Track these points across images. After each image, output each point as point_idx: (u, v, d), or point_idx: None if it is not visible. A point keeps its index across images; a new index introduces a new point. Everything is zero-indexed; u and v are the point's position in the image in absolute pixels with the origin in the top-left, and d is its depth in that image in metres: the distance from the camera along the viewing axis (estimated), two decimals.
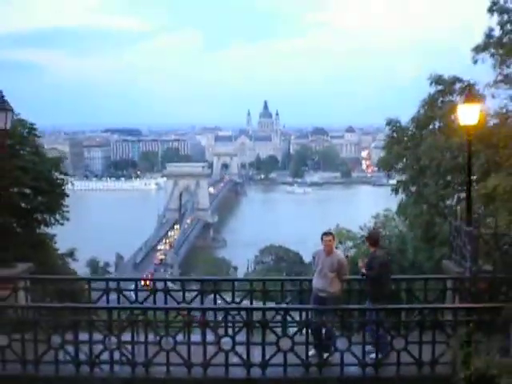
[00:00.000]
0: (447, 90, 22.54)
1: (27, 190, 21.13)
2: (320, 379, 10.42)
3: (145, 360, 10.35)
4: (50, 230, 23.02)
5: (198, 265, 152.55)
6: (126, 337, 10.56)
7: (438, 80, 22.90)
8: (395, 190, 24.44)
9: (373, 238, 12.51)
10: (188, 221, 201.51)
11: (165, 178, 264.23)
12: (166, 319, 10.87)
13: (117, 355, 10.44)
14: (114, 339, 10.43)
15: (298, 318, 11.86)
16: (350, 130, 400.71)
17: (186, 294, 14.48)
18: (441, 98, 22.80)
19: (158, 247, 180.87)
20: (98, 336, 10.47)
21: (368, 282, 12.14)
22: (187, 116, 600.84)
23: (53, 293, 13.03)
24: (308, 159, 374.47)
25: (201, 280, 14.65)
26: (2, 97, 13.46)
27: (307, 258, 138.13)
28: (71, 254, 26.41)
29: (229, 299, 14.58)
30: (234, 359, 10.47)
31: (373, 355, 10.75)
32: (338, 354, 10.58)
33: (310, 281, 13.28)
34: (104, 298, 13.23)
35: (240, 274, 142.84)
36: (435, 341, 10.30)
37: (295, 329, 11.17)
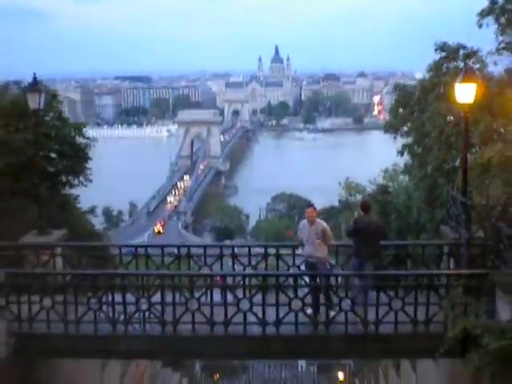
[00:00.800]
0: (451, 57, 23.37)
1: (52, 154, 22.35)
2: (327, 336, 11.75)
3: (173, 319, 11.72)
4: (74, 191, 24.34)
5: (210, 212, 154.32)
6: (156, 298, 11.91)
7: (442, 47, 23.68)
8: (401, 153, 25.53)
9: (364, 206, 13.84)
10: (200, 168, 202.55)
11: (176, 125, 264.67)
12: (190, 284, 12.19)
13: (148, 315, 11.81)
14: (145, 301, 11.79)
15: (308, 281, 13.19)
16: (362, 75, 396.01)
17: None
18: (445, 64, 23.63)
19: (171, 195, 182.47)
20: (131, 298, 11.82)
21: (360, 241, 13.40)
22: (198, 62, 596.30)
23: (87, 258, 14.38)
24: (319, 105, 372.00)
25: (220, 246, 15.64)
26: (35, 78, 14.60)
27: (319, 206, 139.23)
28: (92, 210, 27.72)
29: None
30: (251, 318, 11.79)
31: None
32: (342, 313, 11.91)
33: None
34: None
35: (252, 222, 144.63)
36: (429, 302, 11.60)
37: (306, 290, 12.48)
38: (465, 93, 13.29)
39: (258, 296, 11.76)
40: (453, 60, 23.21)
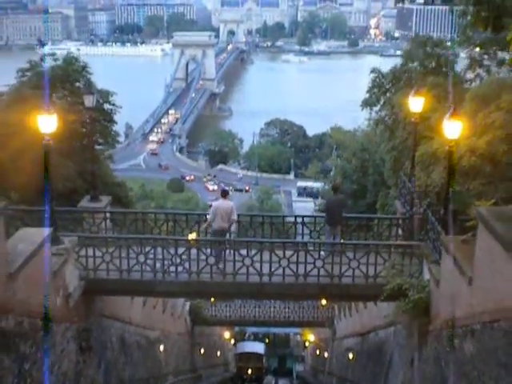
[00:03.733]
0: (422, 44, 27.40)
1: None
2: (305, 284, 16.44)
3: (197, 270, 16.30)
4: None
5: (204, 135, 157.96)
6: (185, 254, 16.46)
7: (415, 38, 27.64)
8: (376, 124, 29.86)
9: (334, 187, 18.68)
10: (195, 90, 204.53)
11: (170, 44, 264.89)
12: (210, 244, 16.82)
13: (179, 267, 16.40)
14: (177, 257, 16.36)
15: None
16: None
17: None
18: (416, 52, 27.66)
19: (166, 117, 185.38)
20: (167, 255, 16.39)
21: (330, 213, 18.01)
22: None
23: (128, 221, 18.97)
24: (316, 27, 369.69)
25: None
26: (89, 84, 18.75)
27: (310, 132, 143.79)
28: (110, 157, 31.88)
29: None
30: (251, 270, 16.40)
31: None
32: (316, 269, 16.50)
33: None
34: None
35: (246, 147, 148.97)
36: (376, 263, 16.20)
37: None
38: (415, 104, 17.74)
39: (257, 255, 16.40)
40: (423, 47, 27.29)
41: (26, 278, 11.81)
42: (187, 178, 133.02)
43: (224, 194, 18.15)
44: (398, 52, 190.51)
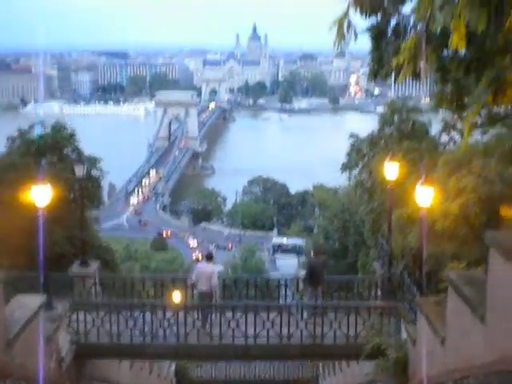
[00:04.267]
0: (397, 111, 28.87)
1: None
2: (288, 345, 17.07)
3: (184, 333, 16.90)
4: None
5: (187, 194, 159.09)
6: (172, 319, 17.08)
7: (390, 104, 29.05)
8: (356, 187, 31.02)
9: (316, 251, 19.55)
10: (178, 149, 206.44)
11: (153, 103, 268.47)
12: (197, 309, 17.49)
13: (167, 331, 17.00)
14: (165, 321, 16.99)
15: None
16: (340, 55, 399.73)
17: None
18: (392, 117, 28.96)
19: (148, 177, 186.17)
20: (155, 319, 17.01)
21: (311, 275, 18.79)
22: (175, 37, 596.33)
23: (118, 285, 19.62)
24: (297, 85, 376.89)
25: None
26: (79, 154, 19.66)
27: (293, 190, 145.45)
28: (96, 219, 32.66)
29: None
30: (238, 333, 17.03)
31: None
32: (299, 330, 17.15)
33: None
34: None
35: (229, 204, 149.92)
36: (357, 323, 16.91)
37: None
38: (390, 171, 18.74)
39: (242, 318, 17.05)
40: (398, 113, 28.62)
41: (23, 343, 12.41)
42: (164, 233, 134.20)
43: (208, 257, 18.91)
44: (378, 108, 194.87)
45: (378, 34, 10.36)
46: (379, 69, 11.10)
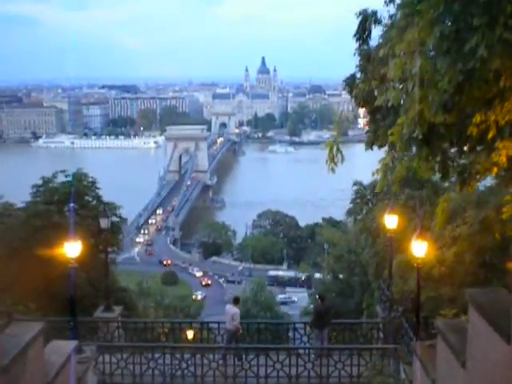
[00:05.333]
0: None
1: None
2: None
3: (201, 374, 18.39)
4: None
5: (198, 227, 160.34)
6: (190, 360, 18.59)
7: None
8: (360, 231, 32.58)
9: (321, 297, 21.09)
10: (188, 183, 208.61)
11: (163, 137, 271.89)
12: (213, 351, 19.02)
13: (185, 371, 18.49)
14: (183, 362, 18.50)
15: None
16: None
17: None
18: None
19: (160, 210, 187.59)
20: (174, 360, 18.54)
21: (318, 319, 20.32)
22: (184, 70, 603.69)
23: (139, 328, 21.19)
24: (305, 117, 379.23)
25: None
26: (104, 209, 21.38)
27: (302, 222, 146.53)
28: (114, 262, 34.21)
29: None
30: (250, 374, 18.50)
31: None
32: (307, 370, 18.61)
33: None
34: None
35: (239, 238, 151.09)
36: (360, 364, 18.36)
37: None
38: (390, 222, 20.33)
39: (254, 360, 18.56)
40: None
41: None
42: (164, 262, 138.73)
43: (235, 300, 20.80)
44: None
45: (373, 110, 12.03)
46: (374, 140, 12.73)
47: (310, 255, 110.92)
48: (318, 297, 21.66)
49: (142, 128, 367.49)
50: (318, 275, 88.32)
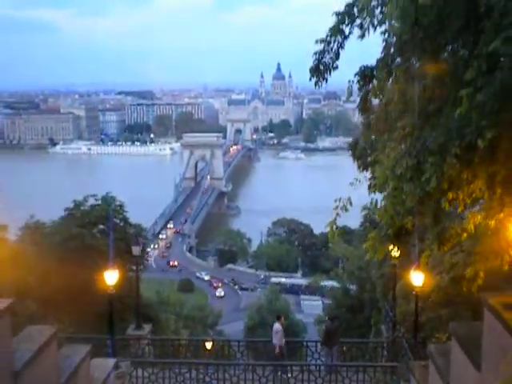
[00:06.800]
0: None
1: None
2: None
3: None
4: None
5: (214, 235, 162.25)
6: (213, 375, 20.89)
7: None
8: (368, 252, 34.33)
9: (331, 318, 23.33)
10: (204, 190, 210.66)
11: (179, 143, 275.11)
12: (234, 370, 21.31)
13: None
14: (207, 377, 20.75)
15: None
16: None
17: None
18: None
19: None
20: (199, 375, 20.78)
21: (328, 338, 22.53)
22: (200, 75, 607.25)
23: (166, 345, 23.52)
24: (320, 124, 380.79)
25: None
26: (136, 236, 23.76)
27: (317, 230, 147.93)
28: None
29: None
30: None
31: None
32: None
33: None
34: None
35: (254, 246, 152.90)
36: (365, 380, 20.47)
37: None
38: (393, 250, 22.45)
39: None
40: None
41: None
42: (171, 263, 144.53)
43: (277, 317, 23.19)
44: None
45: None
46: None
47: (325, 263, 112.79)
48: (327, 318, 23.87)
49: (152, 135, 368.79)
50: (328, 283, 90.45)
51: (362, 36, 8.42)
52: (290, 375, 20.94)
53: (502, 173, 8.11)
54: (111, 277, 19.07)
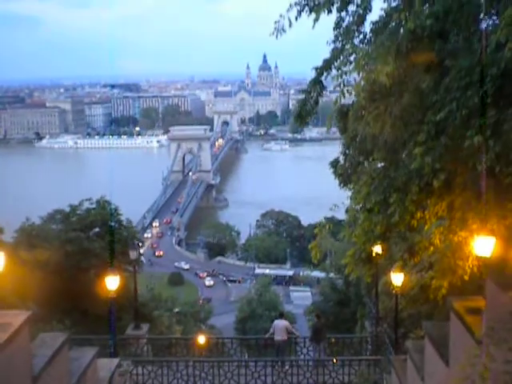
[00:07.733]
0: None
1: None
2: None
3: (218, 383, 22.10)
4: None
5: (202, 227, 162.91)
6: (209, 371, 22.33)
7: None
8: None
9: (318, 317, 24.87)
10: (191, 183, 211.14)
11: (166, 136, 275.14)
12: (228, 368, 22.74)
13: (206, 381, 22.18)
14: (203, 373, 22.16)
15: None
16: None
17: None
18: None
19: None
20: (196, 371, 22.19)
21: (315, 334, 24.01)
22: (186, 66, 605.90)
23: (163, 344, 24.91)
24: None
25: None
26: (133, 239, 25.12)
27: (306, 221, 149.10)
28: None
29: None
30: (259, 383, 22.11)
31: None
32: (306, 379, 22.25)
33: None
34: None
35: (242, 238, 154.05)
36: (350, 373, 21.95)
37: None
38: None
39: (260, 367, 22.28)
40: None
41: None
42: (156, 253, 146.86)
43: (280, 315, 24.85)
44: None
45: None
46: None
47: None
48: (315, 315, 25.38)
49: (138, 128, 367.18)
50: (315, 274, 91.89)
51: (339, 85, 9.82)
52: (287, 367, 22.45)
53: (459, 200, 9.58)
54: (112, 282, 20.40)
